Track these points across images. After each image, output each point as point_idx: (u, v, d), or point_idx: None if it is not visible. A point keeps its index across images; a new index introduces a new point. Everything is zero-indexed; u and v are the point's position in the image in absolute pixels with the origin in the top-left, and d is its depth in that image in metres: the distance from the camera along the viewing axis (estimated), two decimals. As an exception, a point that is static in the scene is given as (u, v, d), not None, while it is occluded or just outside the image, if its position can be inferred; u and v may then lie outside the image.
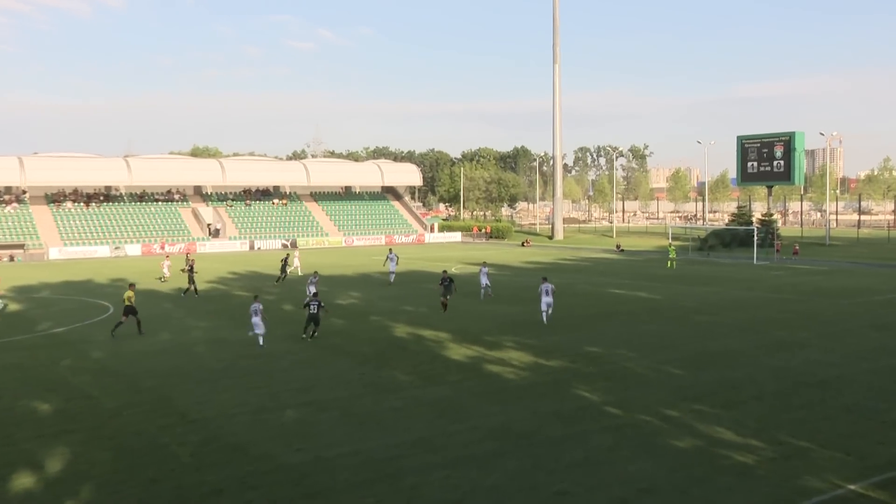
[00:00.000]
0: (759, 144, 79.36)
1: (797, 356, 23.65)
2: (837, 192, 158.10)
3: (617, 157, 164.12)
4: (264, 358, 23.98)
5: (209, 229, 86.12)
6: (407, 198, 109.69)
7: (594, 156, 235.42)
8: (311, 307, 26.77)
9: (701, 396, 19.01)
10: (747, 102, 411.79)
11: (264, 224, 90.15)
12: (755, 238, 61.86)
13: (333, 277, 50.32)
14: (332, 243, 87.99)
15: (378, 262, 60.18)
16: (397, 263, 48.74)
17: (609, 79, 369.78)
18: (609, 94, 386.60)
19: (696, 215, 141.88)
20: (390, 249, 50.15)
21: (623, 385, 20.18)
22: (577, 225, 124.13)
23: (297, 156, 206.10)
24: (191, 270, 42.16)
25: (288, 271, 48.95)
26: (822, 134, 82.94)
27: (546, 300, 29.96)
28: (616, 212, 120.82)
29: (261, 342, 25.75)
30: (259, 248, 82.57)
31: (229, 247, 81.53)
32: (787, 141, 76.79)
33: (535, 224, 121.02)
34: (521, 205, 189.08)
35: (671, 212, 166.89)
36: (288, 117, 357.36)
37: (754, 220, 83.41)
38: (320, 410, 18.13)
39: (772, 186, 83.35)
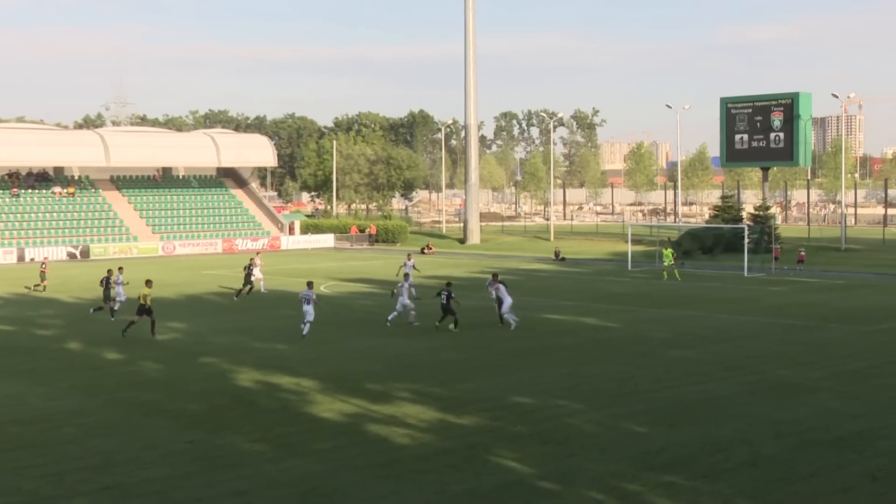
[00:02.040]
0: (750, 110, 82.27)
1: (805, 405, 24.46)
2: (856, 176, 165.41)
3: (556, 128, 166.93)
4: (42, 423, 23.29)
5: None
6: (255, 184, 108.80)
7: (523, 125, 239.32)
8: (442, 296, 35.97)
9: (673, 463, 19.41)
10: (734, 51, 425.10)
11: (41, 223, 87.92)
12: (746, 241, 63.82)
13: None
14: (143, 251, 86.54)
15: (213, 277, 59.33)
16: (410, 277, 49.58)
17: (545, 18, 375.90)
18: (545, 38, 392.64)
19: (664, 209, 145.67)
20: (409, 256, 53.21)
21: (565, 450, 20.43)
22: (501, 223, 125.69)
23: (90, 123, 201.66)
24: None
25: (253, 282, 50.91)
26: (835, 96, 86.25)
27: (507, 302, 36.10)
28: (555, 204, 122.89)
29: (304, 331, 35.08)
30: (33, 259, 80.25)
31: (-13, 257, 79.09)
32: (789, 105, 79.84)
33: (440, 222, 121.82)
34: (421, 194, 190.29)
35: (631, 204, 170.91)
36: (76, 66, 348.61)
37: (745, 215, 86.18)
38: (126, 498, 17.70)
39: (768, 169, 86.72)
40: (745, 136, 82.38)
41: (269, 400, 25.65)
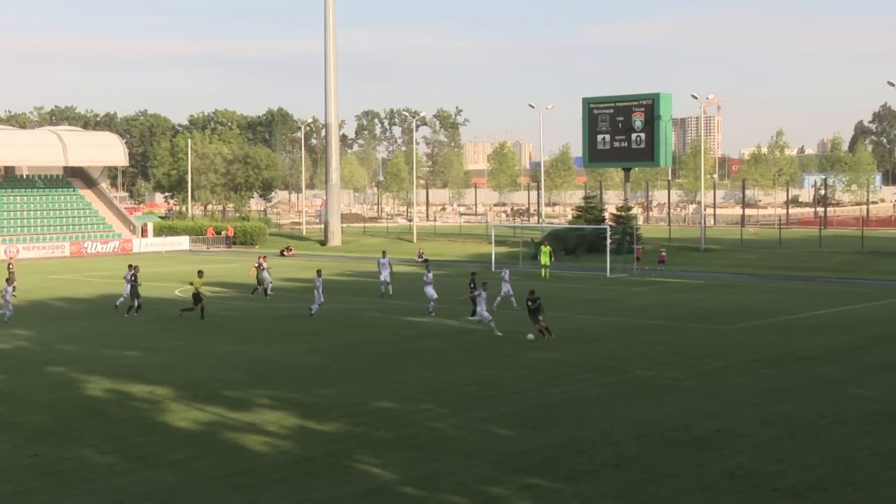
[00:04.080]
0: (611, 110, 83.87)
1: (665, 404, 25.08)
2: (715, 176, 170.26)
3: (418, 127, 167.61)
4: None
5: None
6: (105, 184, 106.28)
7: (385, 124, 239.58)
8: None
9: (537, 466, 19.66)
10: (596, 51, 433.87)
11: None
12: (608, 241, 65.02)
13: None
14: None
15: (60, 281, 57.77)
16: (392, 270, 51.30)
17: (406, 14, 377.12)
18: (406, 35, 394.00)
19: (528, 209, 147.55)
20: (383, 253, 53.98)
21: (428, 454, 20.51)
22: (363, 224, 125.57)
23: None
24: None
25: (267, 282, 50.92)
26: (694, 97, 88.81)
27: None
28: (418, 205, 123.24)
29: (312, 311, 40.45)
30: None
31: None
32: (650, 106, 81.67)
33: (300, 224, 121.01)
34: (281, 195, 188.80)
35: (495, 204, 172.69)
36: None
37: (607, 216, 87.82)
38: (-35, 516, 17.10)
39: (629, 169, 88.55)
40: (608, 137, 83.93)
41: (120, 409, 25.10)
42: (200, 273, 43.73)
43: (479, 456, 20.33)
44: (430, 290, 43.51)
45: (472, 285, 40.45)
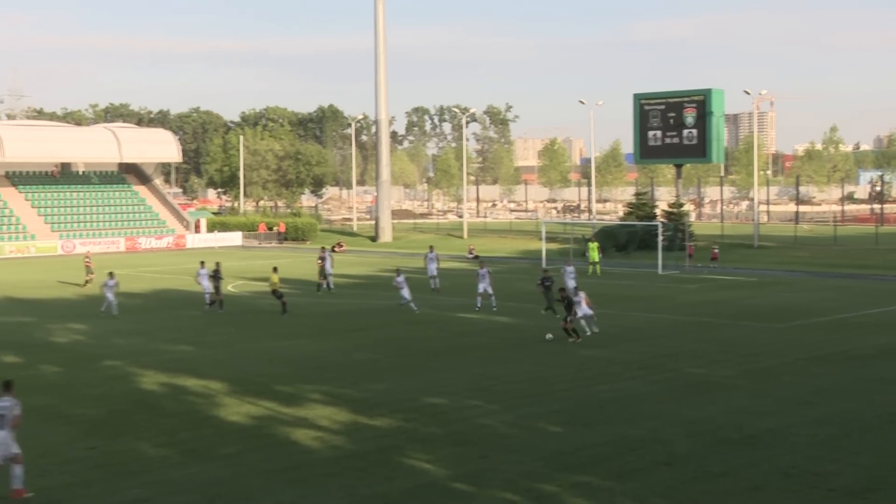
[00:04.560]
0: (663, 106, 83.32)
1: (717, 402, 24.92)
2: (769, 173, 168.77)
3: (468, 123, 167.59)
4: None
5: None
6: (159, 181, 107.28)
7: (435, 120, 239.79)
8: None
9: (587, 463, 19.64)
10: (648, 47, 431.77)
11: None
12: (660, 238, 64.66)
13: (43, 302, 48.49)
14: (41, 249, 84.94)
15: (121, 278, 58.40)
16: (438, 265, 52.24)
17: (457, 10, 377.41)
18: (456, 31, 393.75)
19: (578, 206, 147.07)
20: (431, 248, 55.30)
21: (478, 451, 20.53)
22: (413, 221, 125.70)
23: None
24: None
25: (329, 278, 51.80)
26: (747, 93, 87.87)
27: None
28: (468, 201, 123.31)
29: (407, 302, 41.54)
30: (-77, 259, 78.27)
31: None
32: (702, 102, 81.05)
33: (351, 220, 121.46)
34: (331, 191, 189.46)
35: (545, 200, 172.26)
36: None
37: (658, 212, 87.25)
38: (22, 507, 17.36)
39: (681, 165, 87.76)
40: (659, 133, 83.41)
41: (173, 403, 25.36)
42: (276, 269, 44.30)
43: (529, 453, 20.32)
44: (483, 286, 43.41)
45: (543, 282, 40.25)
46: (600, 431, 22.07)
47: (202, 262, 46.59)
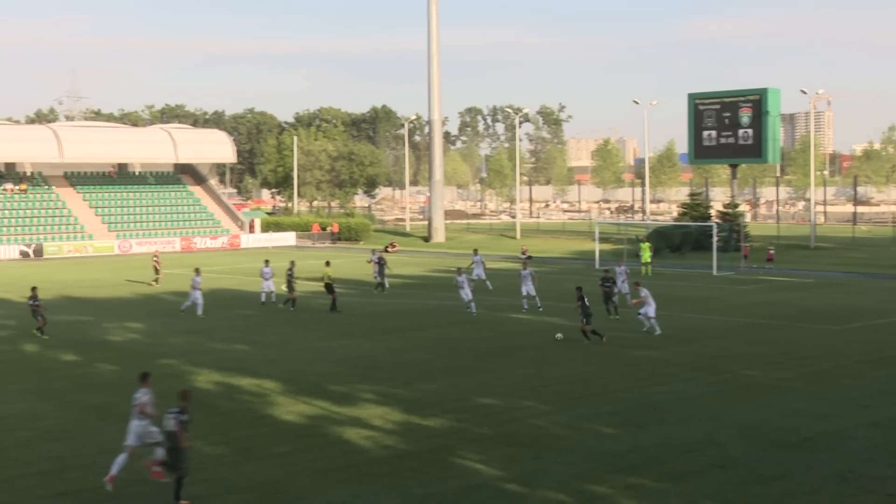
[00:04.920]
0: (718, 106, 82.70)
1: (772, 405, 24.72)
2: (826, 173, 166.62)
3: (521, 123, 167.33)
4: (-8, 426, 23.11)
5: None
6: (214, 181, 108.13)
7: (488, 120, 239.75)
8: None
9: (640, 465, 19.57)
10: (702, 46, 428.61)
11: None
12: (715, 239, 64.18)
13: (100, 301, 49.09)
14: (98, 249, 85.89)
15: (171, 277, 59.09)
16: (485, 269, 52.80)
17: (510, 10, 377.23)
18: (510, 31, 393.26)
19: (632, 206, 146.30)
20: (475, 251, 56.00)
21: (531, 452, 20.52)
22: (466, 221, 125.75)
23: (42, 117, 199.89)
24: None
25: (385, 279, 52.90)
26: (804, 92, 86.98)
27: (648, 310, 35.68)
28: (521, 202, 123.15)
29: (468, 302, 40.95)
30: (-15, 258, 79.53)
31: (-64, 256, 78.31)
32: (757, 101, 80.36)
33: (404, 220, 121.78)
34: (384, 191, 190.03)
35: (598, 201, 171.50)
36: (27, 59, 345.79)
37: (713, 213, 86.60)
38: (80, 504, 17.61)
39: (736, 166, 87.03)
40: (714, 133, 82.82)
41: (228, 402, 25.58)
42: (328, 263, 45.20)
43: (582, 454, 20.28)
44: (526, 288, 43.34)
45: (604, 283, 40.09)
46: (654, 433, 21.96)
47: (266, 261, 47.04)
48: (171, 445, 17.56)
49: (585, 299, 34.54)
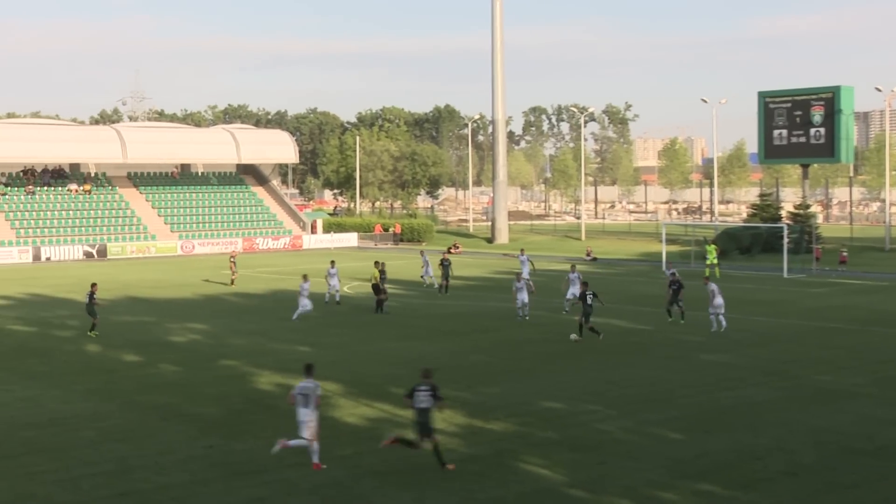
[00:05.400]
0: (789, 104, 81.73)
1: (845, 411, 24.39)
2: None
3: (586, 123, 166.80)
4: (57, 426, 23.46)
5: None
6: (276, 181, 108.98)
7: (553, 120, 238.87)
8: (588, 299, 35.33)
9: (709, 471, 19.41)
10: (772, 44, 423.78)
11: (56, 221, 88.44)
12: (785, 241, 63.51)
13: (163, 302, 49.66)
14: (161, 250, 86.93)
15: (242, 278, 59.67)
16: (530, 268, 53.11)
17: (574, 8, 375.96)
18: (574, 29, 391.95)
19: (700, 207, 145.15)
20: (522, 251, 57.05)
21: (596, 457, 20.42)
22: (530, 222, 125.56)
23: (106, 118, 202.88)
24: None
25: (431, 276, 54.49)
26: (878, 90, 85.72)
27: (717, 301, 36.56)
28: (586, 202, 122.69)
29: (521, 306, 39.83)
30: (49, 259, 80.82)
31: (0, 256, 79.59)
32: (830, 99, 79.27)
33: (467, 221, 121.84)
34: (447, 192, 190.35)
35: (665, 202, 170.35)
36: (91, 60, 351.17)
37: (784, 214, 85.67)
38: (142, 504, 17.81)
39: (808, 165, 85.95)
40: (784, 132, 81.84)
41: (289, 404, 25.72)
42: (377, 263, 45.27)
43: (649, 460, 20.14)
44: (573, 290, 43.24)
45: (672, 285, 39.94)
46: (722, 439, 21.75)
47: (332, 262, 47.30)
48: (423, 420, 19.55)
49: (589, 296, 35.61)
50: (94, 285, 38.96)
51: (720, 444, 21.30)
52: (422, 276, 56.07)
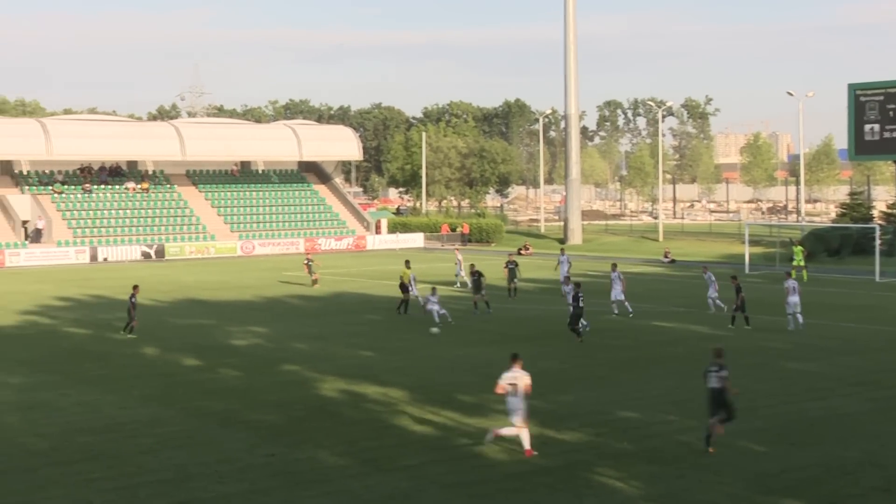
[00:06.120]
0: (881, 97, 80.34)
1: (942, 424, 23.96)
2: None
3: (664, 117, 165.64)
4: (114, 432, 23.79)
5: (25, 229, 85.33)
6: (339, 179, 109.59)
7: (629, 115, 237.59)
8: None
9: (795, 486, 19.20)
10: (864, 32, 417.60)
11: (113, 220, 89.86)
12: (878, 242, 62.65)
13: (222, 304, 50.17)
14: (220, 250, 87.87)
15: (294, 279, 60.11)
16: (570, 268, 53.27)
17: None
18: (651, 18, 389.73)
19: (785, 206, 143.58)
20: (562, 251, 56.68)
21: (674, 469, 20.30)
22: (604, 222, 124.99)
23: (164, 114, 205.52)
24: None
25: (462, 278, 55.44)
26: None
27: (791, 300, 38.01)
28: (664, 201, 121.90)
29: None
30: (106, 259, 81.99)
31: (57, 257, 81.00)
32: (926, 92, 77.93)
33: (538, 220, 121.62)
34: (517, 190, 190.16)
35: (748, 201, 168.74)
36: (149, 55, 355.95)
37: (876, 214, 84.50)
38: (202, 514, 18.01)
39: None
40: (877, 127, 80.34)
41: (353, 411, 25.86)
42: (407, 263, 46.29)
43: (731, 473, 19.97)
44: (615, 292, 43.88)
45: (738, 290, 39.73)
46: (809, 452, 21.51)
47: (407, 262, 47.37)
48: (718, 398, 21.49)
49: (581, 298, 36.80)
50: (135, 287, 39.97)
51: (807, 458, 21.07)
52: (456, 276, 57.38)
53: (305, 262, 59.98)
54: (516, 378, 21.44)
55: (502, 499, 18.60)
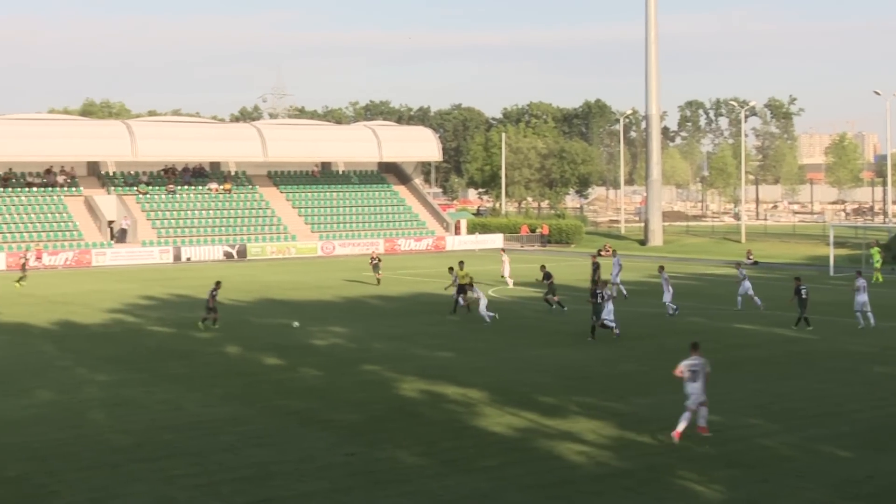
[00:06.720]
0: (972, 96, 79.01)
1: None
2: None
3: (747, 118, 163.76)
4: (197, 430, 24.08)
5: (111, 229, 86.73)
6: (418, 180, 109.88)
7: (711, 115, 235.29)
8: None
9: (882, 493, 18.90)
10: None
11: (196, 221, 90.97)
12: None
13: (303, 304, 50.54)
14: (301, 251, 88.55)
15: (373, 279, 60.34)
16: (621, 271, 53.33)
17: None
18: (735, 17, 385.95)
19: (871, 208, 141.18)
20: (614, 252, 57.57)
21: (757, 474, 20.07)
22: (686, 223, 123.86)
23: (247, 115, 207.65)
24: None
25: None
26: None
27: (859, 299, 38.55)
28: (746, 202, 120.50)
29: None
30: (189, 259, 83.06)
31: (142, 256, 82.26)
32: None
33: (618, 222, 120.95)
34: (597, 191, 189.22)
35: (833, 202, 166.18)
36: (232, 57, 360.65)
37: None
38: (282, 512, 18.13)
39: None
40: (966, 126, 79.10)
41: (432, 411, 25.91)
42: (461, 264, 46.05)
43: (815, 479, 19.70)
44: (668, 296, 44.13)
45: (799, 291, 39.25)
46: (896, 458, 21.15)
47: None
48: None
49: (598, 296, 37.26)
50: (218, 283, 41.40)
51: (894, 464, 20.70)
52: (502, 276, 58.30)
53: (372, 262, 61.01)
54: (697, 366, 22.63)
55: (581, 501, 18.52)
